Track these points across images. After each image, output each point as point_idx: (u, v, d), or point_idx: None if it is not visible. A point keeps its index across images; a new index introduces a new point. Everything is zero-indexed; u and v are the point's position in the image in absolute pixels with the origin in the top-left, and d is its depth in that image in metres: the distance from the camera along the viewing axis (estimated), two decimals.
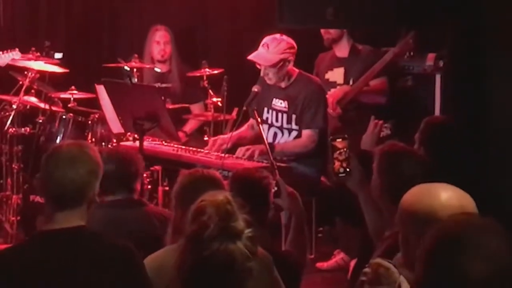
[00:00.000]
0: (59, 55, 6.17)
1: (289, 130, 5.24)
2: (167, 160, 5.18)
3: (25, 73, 5.80)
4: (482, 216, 2.21)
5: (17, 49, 5.72)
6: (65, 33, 7.08)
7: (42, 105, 5.92)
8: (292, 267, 3.41)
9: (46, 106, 5.89)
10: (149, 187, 5.51)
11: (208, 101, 5.97)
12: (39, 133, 5.89)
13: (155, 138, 5.30)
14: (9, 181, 5.97)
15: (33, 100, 5.92)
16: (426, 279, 1.72)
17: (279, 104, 5.26)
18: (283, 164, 4.81)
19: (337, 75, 5.72)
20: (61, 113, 5.89)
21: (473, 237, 1.67)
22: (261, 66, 5.14)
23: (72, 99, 5.88)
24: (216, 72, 6.02)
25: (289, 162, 5.02)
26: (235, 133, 5.26)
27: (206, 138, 5.94)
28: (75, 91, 5.90)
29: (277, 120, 5.27)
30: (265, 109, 5.29)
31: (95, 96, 5.78)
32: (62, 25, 7.11)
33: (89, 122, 5.86)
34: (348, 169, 3.47)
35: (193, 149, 5.20)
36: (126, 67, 5.88)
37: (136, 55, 6.01)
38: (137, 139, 4.99)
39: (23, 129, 5.92)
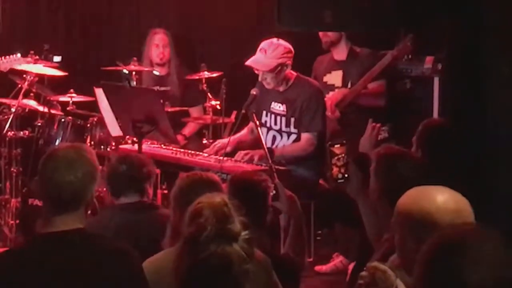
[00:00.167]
0: (58, 58, 6.17)
1: (288, 133, 5.24)
2: (165, 163, 5.17)
3: (24, 76, 5.80)
4: (479, 223, 2.23)
5: (19, 54, 5.74)
6: (64, 36, 7.09)
7: (41, 108, 5.93)
8: (290, 270, 3.41)
9: (45, 109, 5.90)
10: None
11: (207, 104, 5.98)
12: (38, 136, 5.90)
13: (154, 141, 5.30)
14: (8, 184, 5.97)
15: (32, 103, 5.93)
16: (424, 287, 1.73)
17: (278, 107, 5.27)
18: (281, 167, 4.81)
19: (335, 78, 5.72)
20: (60, 116, 5.90)
21: (472, 246, 1.67)
22: (259, 71, 5.15)
23: (71, 102, 5.89)
24: (215, 75, 6.03)
25: (287, 165, 5.02)
26: (235, 137, 5.27)
27: (205, 141, 5.94)
28: (74, 94, 5.91)
29: (276, 123, 5.28)
30: (264, 113, 5.30)
31: (94, 99, 5.78)
32: (61, 28, 7.12)
33: (88, 125, 5.86)
34: (346, 175, 3.49)
35: (192, 152, 5.21)
36: (125, 70, 5.89)
37: (135, 58, 6.02)
38: (136, 142, 4.99)
39: (22, 132, 5.92)
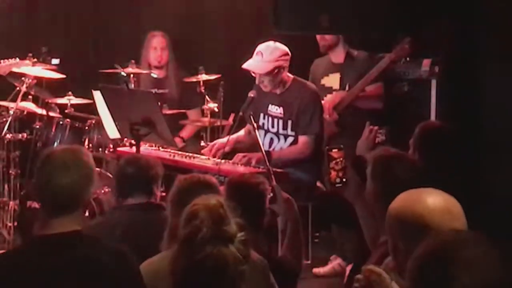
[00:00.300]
0: (56, 61, 6.17)
1: (285, 136, 5.25)
2: (163, 165, 5.16)
3: (23, 79, 5.80)
4: (475, 225, 2.24)
5: (17, 58, 5.75)
6: (62, 39, 7.09)
7: (39, 111, 5.93)
8: (287, 273, 3.42)
9: (43, 112, 5.90)
10: None
11: (205, 106, 5.98)
12: (36, 138, 5.90)
13: (151, 143, 5.31)
14: (6, 187, 5.98)
15: (30, 105, 5.92)
16: None
17: (275, 110, 5.28)
18: (279, 169, 4.82)
19: (333, 80, 5.73)
20: (58, 119, 5.90)
21: (461, 251, 1.67)
22: (256, 74, 5.17)
23: (69, 104, 5.90)
24: (213, 77, 6.04)
25: (285, 167, 5.03)
26: (232, 137, 5.28)
27: (202, 143, 5.95)
28: (72, 97, 5.92)
29: (273, 126, 5.28)
30: (261, 115, 5.30)
31: (92, 101, 5.79)
32: (59, 31, 7.12)
33: (86, 127, 5.87)
34: (344, 179, 3.50)
35: (190, 155, 5.21)
36: (123, 73, 5.89)
37: (133, 61, 6.02)
38: (133, 144, 5.00)
39: (20, 135, 5.92)
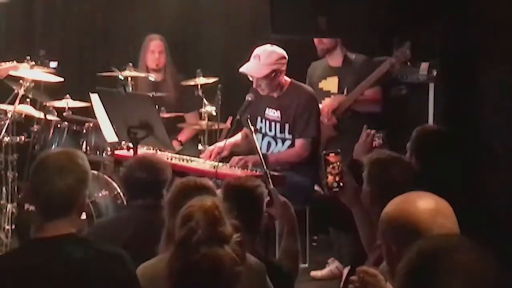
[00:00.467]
0: (54, 64, 6.18)
1: (283, 139, 5.25)
2: None
3: (20, 82, 5.81)
4: (470, 229, 2.24)
5: (15, 60, 5.76)
6: (60, 42, 7.10)
7: (37, 114, 5.94)
8: (284, 277, 3.42)
9: (41, 115, 5.90)
10: None
11: (202, 110, 5.98)
12: (34, 141, 5.91)
13: (149, 146, 5.31)
14: (3, 189, 5.98)
15: (28, 109, 5.93)
16: None
17: (272, 113, 5.28)
18: (276, 173, 4.82)
19: (331, 84, 5.73)
20: (56, 122, 5.90)
21: (449, 257, 1.67)
22: (253, 77, 5.17)
23: (66, 108, 5.90)
24: (210, 81, 6.04)
25: (282, 171, 5.03)
26: (230, 140, 5.29)
27: (200, 147, 5.95)
28: (70, 100, 5.92)
29: (271, 129, 5.29)
30: (259, 119, 5.30)
31: (89, 105, 5.79)
32: (57, 34, 7.13)
33: (84, 131, 5.87)
34: (341, 183, 3.50)
35: (187, 158, 5.21)
36: (120, 76, 5.90)
37: (131, 64, 6.03)
38: (131, 148, 5.00)
39: (18, 138, 5.93)
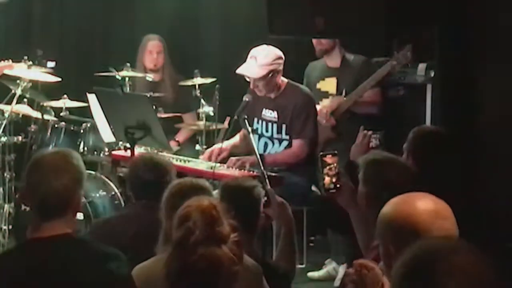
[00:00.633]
0: (51, 64, 6.17)
1: (280, 140, 5.25)
2: None
3: (18, 82, 5.80)
4: (467, 230, 2.23)
5: (10, 59, 5.75)
6: (57, 42, 7.09)
7: (34, 114, 5.93)
8: (281, 278, 3.42)
9: (38, 115, 5.90)
10: None
11: (200, 110, 5.98)
12: (32, 142, 5.91)
13: (146, 147, 5.30)
14: (1, 190, 5.97)
15: (25, 109, 5.92)
16: None
17: (269, 114, 5.28)
18: (273, 173, 4.82)
19: (329, 85, 5.73)
20: (53, 122, 5.90)
21: (446, 259, 1.66)
22: (250, 78, 5.17)
23: (64, 108, 5.89)
24: (208, 81, 6.03)
25: (279, 171, 5.03)
26: (229, 143, 5.29)
27: (198, 147, 5.94)
28: (67, 100, 5.91)
29: (267, 130, 5.28)
30: (255, 120, 5.30)
31: (87, 105, 5.79)
32: (54, 34, 7.13)
33: (81, 131, 5.86)
34: (338, 185, 3.50)
35: (184, 158, 5.21)
36: (118, 76, 5.89)
37: (128, 64, 6.02)
38: (128, 148, 4.99)
39: (15, 138, 5.92)
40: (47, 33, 7.08)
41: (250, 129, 4.76)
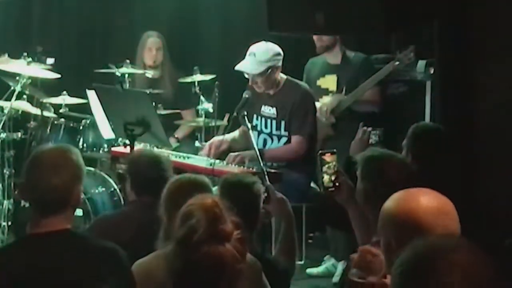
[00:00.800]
0: (51, 61, 6.17)
1: (279, 136, 5.25)
2: None
3: (17, 78, 5.80)
4: (467, 227, 2.23)
5: (7, 54, 5.75)
6: (57, 38, 7.09)
7: (34, 111, 5.93)
8: (280, 273, 3.42)
9: (37, 111, 5.89)
10: None
11: (199, 107, 5.98)
12: (31, 138, 5.91)
13: (146, 143, 5.30)
14: (0, 186, 5.97)
15: (24, 105, 5.92)
16: None
17: (268, 110, 5.28)
18: (273, 170, 4.82)
19: (329, 82, 5.73)
20: (52, 119, 5.90)
21: (448, 257, 1.66)
22: (249, 75, 5.17)
23: (63, 104, 5.89)
24: (207, 78, 6.03)
25: (278, 168, 5.03)
26: (229, 135, 5.29)
27: (197, 144, 5.94)
28: (67, 97, 5.91)
29: (266, 126, 5.28)
30: (254, 116, 5.30)
31: (86, 101, 5.79)
32: (54, 31, 7.12)
33: (81, 127, 5.87)
34: (337, 183, 3.50)
35: (184, 155, 5.21)
36: (117, 73, 5.89)
37: (128, 61, 6.02)
38: (128, 144, 4.99)
39: (14, 135, 5.92)
40: (47, 29, 7.08)
41: (250, 126, 4.76)
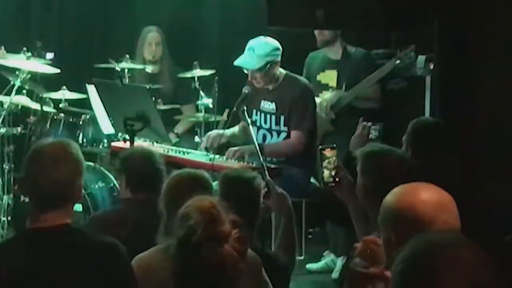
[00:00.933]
0: (50, 55, 6.17)
1: (278, 131, 5.25)
2: None
3: (17, 73, 5.80)
4: (467, 223, 2.23)
5: (3, 46, 5.75)
6: (57, 33, 7.09)
7: (33, 105, 5.93)
8: (280, 269, 3.42)
9: (37, 106, 5.89)
10: None
11: (199, 102, 5.98)
12: (31, 133, 5.91)
13: (145, 138, 5.30)
14: (0, 181, 5.97)
15: (24, 100, 5.92)
16: None
17: (267, 106, 5.27)
18: (272, 165, 4.82)
19: (329, 77, 5.72)
20: (52, 114, 5.90)
21: (448, 254, 1.66)
22: (248, 70, 5.16)
23: (63, 99, 5.89)
24: (207, 73, 6.03)
25: (278, 163, 5.03)
26: (228, 130, 5.28)
27: (197, 139, 5.94)
28: (67, 92, 5.91)
29: (266, 122, 5.28)
30: (254, 111, 5.29)
31: (86, 96, 5.79)
32: (54, 26, 7.12)
33: (81, 122, 5.86)
34: (337, 178, 3.50)
35: (183, 150, 5.21)
36: (117, 68, 5.89)
37: (127, 56, 6.02)
38: (127, 139, 4.99)
39: (14, 129, 5.92)
40: (47, 24, 7.07)
41: (249, 121, 4.76)
